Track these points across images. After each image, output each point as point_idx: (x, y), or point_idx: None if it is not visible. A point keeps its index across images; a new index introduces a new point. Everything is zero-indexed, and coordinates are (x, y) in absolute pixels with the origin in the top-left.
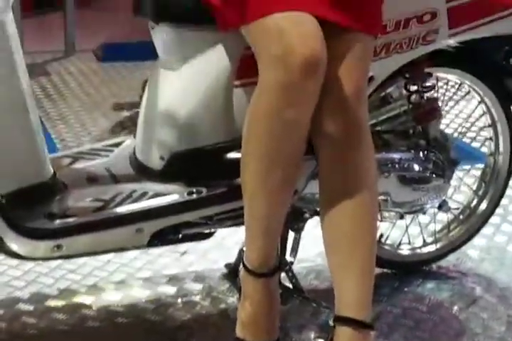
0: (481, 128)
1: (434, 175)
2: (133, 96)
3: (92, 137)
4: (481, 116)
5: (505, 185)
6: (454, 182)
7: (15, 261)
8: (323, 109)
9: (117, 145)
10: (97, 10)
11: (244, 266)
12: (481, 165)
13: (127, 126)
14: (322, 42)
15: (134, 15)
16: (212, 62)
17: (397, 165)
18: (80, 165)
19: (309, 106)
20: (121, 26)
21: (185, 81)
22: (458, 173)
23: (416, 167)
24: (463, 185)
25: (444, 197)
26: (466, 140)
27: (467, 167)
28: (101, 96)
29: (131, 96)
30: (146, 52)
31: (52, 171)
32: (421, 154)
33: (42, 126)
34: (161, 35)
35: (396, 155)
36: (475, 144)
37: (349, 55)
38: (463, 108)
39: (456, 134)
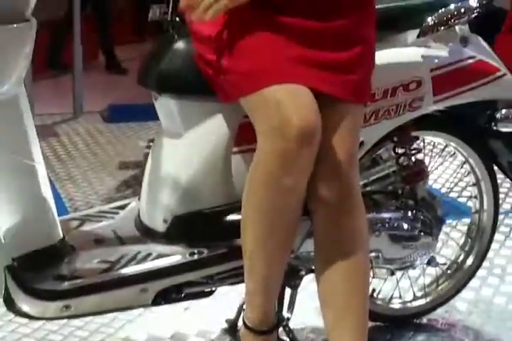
0: (465, 187)
1: (422, 233)
2: (138, 156)
3: (99, 196)
4: (465, 175)
5: (491, 241)
6: (441, 236)
7: (25, 319)
8: (318, 175)
9: (123, 207)
10: (104, 73)
11: (244, 323)
12: (468, 220)
13: (132, 185)
14: (317, 113)
15: (138, 84)
16: (213, 130)
17: (387, 225)
18: (87, 227)
19: (305, 173)
20: (126, 89)
21: (186, 148)
22: (445, 229)
23: (405, 226)
24: (450, 240)
25: (432, 254)
26: (452, 194)
27: (454, 222)
28: (107, 156)
29: (135, 155)
30: (150, 113)
31: (61, 234)
32: (409, 213)
33: (52, 187)
34: (164, 106)
35: (386, 215)
36: (461, 199)
37: (342, 125)
38: (449, 164)
39: (443, 189)
